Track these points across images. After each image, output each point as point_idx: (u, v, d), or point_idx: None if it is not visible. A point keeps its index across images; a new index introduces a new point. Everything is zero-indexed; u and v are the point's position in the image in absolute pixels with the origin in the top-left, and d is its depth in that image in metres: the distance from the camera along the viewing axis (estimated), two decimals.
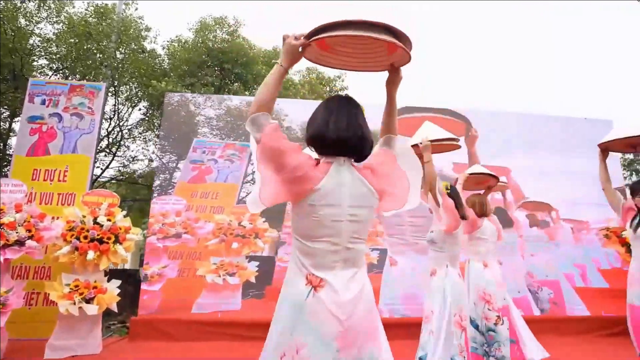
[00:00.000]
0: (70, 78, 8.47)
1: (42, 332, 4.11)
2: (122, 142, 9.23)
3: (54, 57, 8.46)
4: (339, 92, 11.49)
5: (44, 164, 4.85)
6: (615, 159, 5.77)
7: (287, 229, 5.08)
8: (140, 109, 9.15)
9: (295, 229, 1.27)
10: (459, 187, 2.67)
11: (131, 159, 9.55)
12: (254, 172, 5.82)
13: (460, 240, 2.57)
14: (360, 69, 1.47)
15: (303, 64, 11.69)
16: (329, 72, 11.48)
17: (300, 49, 1.30)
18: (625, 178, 9.28)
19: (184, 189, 5.38)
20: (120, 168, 9.82)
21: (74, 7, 8.60)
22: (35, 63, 8.53)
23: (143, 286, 4.82)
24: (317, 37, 1.22)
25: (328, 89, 11.07)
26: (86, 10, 8.29)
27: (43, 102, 5.05)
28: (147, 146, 9.81)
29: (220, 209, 5.32)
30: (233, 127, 5.72)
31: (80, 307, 3.73)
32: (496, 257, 3.08)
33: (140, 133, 9.36)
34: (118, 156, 9.37)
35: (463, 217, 2.46)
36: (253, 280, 4.96)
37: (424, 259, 3.84)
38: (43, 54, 8.60)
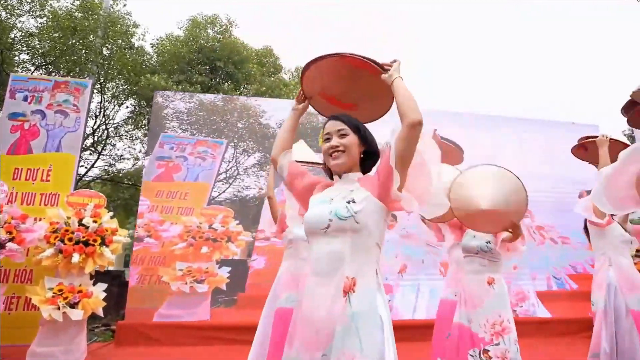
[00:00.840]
0: (53, 74, 8.21)
1: (22, 338, 3.94)
2: (107, 141, 9.01)
3: (37, 52, 8.20)
4: None
5: (26, 162, 4.66)
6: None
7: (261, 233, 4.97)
8: (127, 107, 8.95)
9: (381, 239, 1.23)
10: None
11: (117, 158, 9.32)
12: (227, 170, 5.63)
13: None
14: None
15: (292, 63, 11.65)
16: None
17: None
18: None
19: (148, 188, 5.05)
20: (105, 167, 9.59)
21: (58, 0, 8.36)
22: (16, 58, 8.25)
23: None
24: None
25: None
26: (72, 4, 8.05)
27: (25, 99, 4.86)
28: (133, 144, 9.61)
29: (189, 210, 4.98)
30: (205, 122, 5.41)
31: (64, 313, 3.60)
32: None
33: (126, 131, 9.15)
34: (103, 155, 9.14)
35: None
36: (223, 287, 4.72)
37: None
38: (25, 48, 8.34)
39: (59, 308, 3.62)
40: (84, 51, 7.88)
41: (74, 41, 7.69)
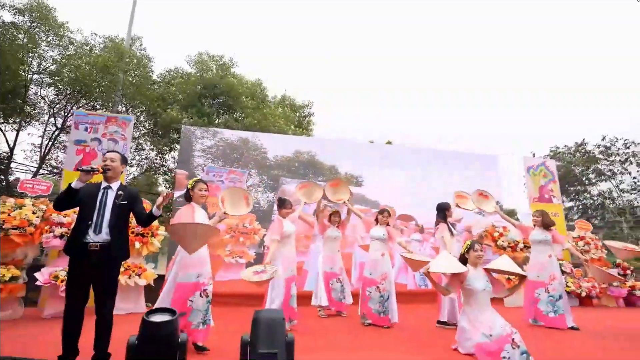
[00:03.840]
0: (68, 104, 9.65)
1: None
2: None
3: (59, 79, 9.60)
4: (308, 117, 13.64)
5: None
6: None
7: None
8: (142, 131, 10.62)
9: None
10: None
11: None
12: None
13: None
14: None
15: (278, 91, 13.57)
16: (298, 100, 13.59)
17: None
18: None
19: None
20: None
21: (81, 33, 9.81)
22: (42, 81, 9.64)
23: None
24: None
25: (298, 114, 13.10)
26: (97, 41, 9.59)
27: (86, 129, 6.56)
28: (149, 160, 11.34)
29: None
30: (224, 154, 7.12)
31: (134, 281, 5.41)
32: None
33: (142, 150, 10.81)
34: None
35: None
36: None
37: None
38: (47, 75, 9.75)
39: (130, 277, 5.42)
40: (104, 82, 9.41)
41: (95, 73, 9.20)
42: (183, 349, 1.88)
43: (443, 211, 4.96)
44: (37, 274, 4.88)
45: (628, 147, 19.32)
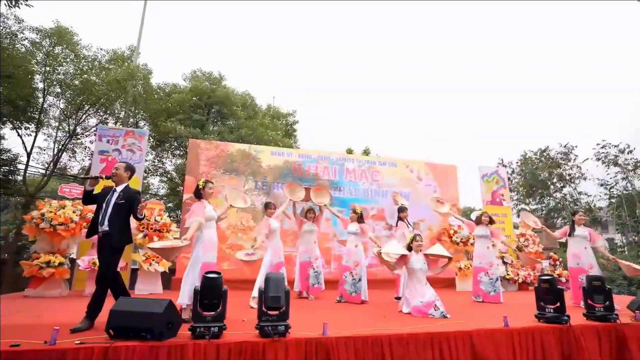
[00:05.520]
0: (78, 112, 10.67)
1: None
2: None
3: (70, 90, 10.63)
4: (292, 126, 14.98)
5: (111, 182, 7.55)
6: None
7: None
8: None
9: None
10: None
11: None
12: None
13: None
14: None
15: (266, 99, 14.79)
16: (282, 109, 14.91)
17: None
18: None
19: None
20: None
21: (89, 50, 10.88)
22: (57, 92, 10.66)
23: None
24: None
25: (285, 121, 14.41)
26: (103, 55, 10.68)
27: (108, 141, 7.74)
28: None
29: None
30: (224, 163, 8.55)
31: (154, 267, 6.66)
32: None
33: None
34: None
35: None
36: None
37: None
38: (59, 87, 10.76)
39: (150, 265, 6.67)
40: (113, 94, 10.51)
41: (111, 89, 10.26)
42: (225, 295, 3.17)
43: (399, 213, 6.40)
44: (78, 261, 6.09)
45: (604, 147, 20.65)
